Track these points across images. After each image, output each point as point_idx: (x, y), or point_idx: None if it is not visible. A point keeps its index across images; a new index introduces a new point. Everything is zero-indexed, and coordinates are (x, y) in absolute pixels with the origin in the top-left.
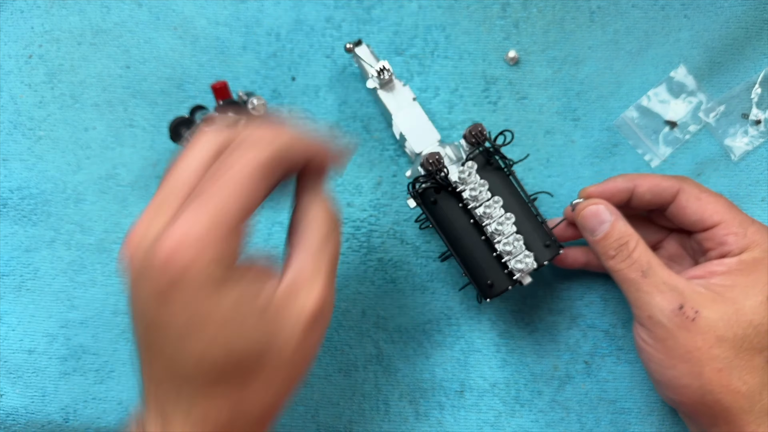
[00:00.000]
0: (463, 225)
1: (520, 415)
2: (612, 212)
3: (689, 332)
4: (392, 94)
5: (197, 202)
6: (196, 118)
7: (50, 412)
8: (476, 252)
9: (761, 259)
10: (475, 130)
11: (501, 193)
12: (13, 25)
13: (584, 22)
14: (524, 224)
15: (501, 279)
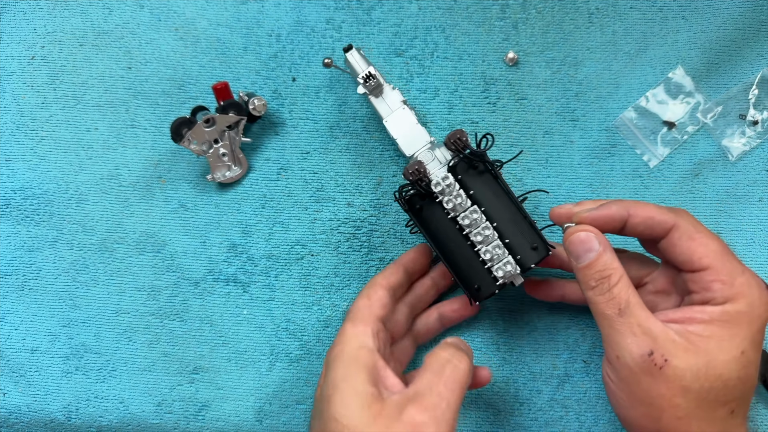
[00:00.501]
0: (449, 231)
1: (519, 414)
2: (601, 242)
3: (654, 379)
4: (382, 99)
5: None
6: (198, 119)
7: (52, 410)
8: (463, 257)
9: (744, 313)
10: (454, 137)
11: (486, 197)
12: (16, 27)
13: (583, 23)
14: (510, 228)
15: (487, 283)
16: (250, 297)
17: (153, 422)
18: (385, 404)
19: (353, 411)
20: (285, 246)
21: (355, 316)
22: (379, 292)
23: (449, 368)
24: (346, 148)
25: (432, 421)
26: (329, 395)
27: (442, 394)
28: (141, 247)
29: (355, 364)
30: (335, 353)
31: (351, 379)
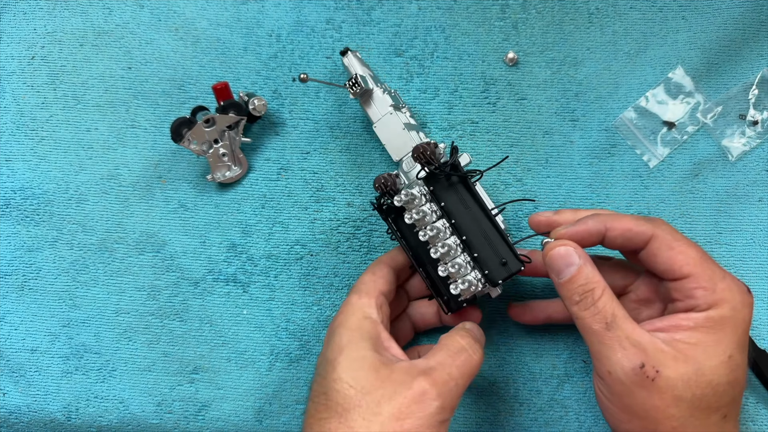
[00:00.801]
0: (418, 243)
1: (519, 414)
2: (581, 256)
3: (648, 391)
4: (372, 103)
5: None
6: (198, 119)
7: (52, 410)
8: (431, 270)
9: (728, 318)
10: (418, 151)
11: (458, 210)
12: (16, 27)
13: (583, 23)
14: (481, 242)
15: (453, 296)
16: (250, 297)
17: (153, 422)
18: (394, 369)
19: (361, 373)
20: (285, 246)
21: (360, 288)
22: (384, 269)
23: (464, 356)
24: (346, 148)
25: (439, 394)
26: (333, 358)
27: (453, 375)
28: (141, 247)
29: (359, 331)
30: (339, 321)
31: (356, 343)
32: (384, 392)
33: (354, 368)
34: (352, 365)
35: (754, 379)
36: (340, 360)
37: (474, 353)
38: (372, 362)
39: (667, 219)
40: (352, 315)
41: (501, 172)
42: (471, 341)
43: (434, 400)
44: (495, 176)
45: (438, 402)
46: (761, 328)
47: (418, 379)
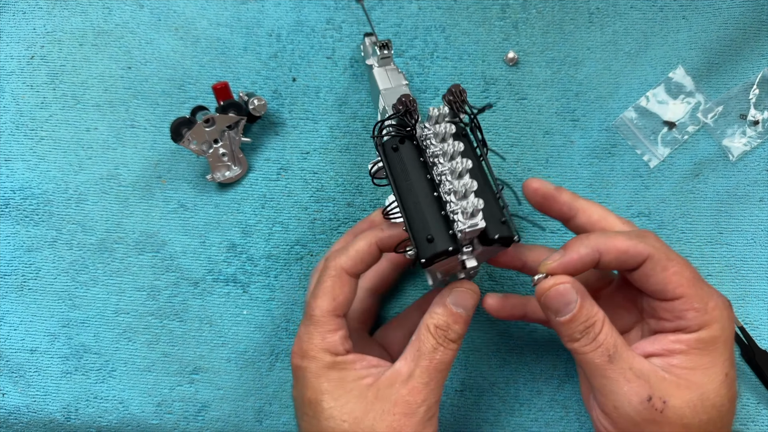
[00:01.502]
0: (418, 178)
1: (520, 414)
2: (578, 291)
3: (657, 425)
4: (386, 74)
5: None
6: (197, 119)
7: (52, 411)
8: (426, 208)
9: (718, 337)
10: (455, 89)
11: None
12: (15, 27)
13: (583, 23)
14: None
15: (443, 238)
16: (250, 297)
17: (153, 423)
18: (378, 389)
19: (349, 406)
20: (285, 246)
21: (319, 321)
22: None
23: (439, 354)
24: (346, 148)
25: (423, 400)
26: (319, 400)
27: (432, 376)
28: (140, 247)
29: (334, 370)
30: (307, 365)
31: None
32: (375, 414)
33: (341, 404)
34: (339, 402)
35: (755, 378)
36: (326, 399)
37: (446, 347)
38: (358, 392)
39: (668, 219)
40: (319, 359)
41: (501, 172)
42: (441, 338)
43: (420, 406)
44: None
45: (424, 406)
46: (761, 329)
47: (401, 392)
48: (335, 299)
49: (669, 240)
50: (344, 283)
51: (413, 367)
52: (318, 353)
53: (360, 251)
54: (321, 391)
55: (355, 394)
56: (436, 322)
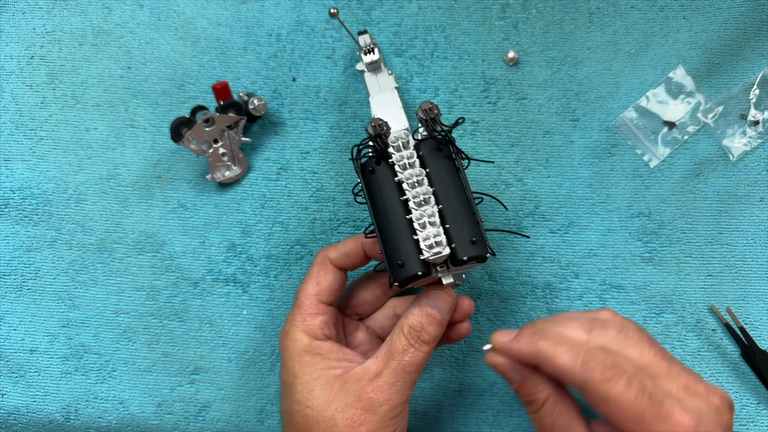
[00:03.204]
0: (392, 200)
1: (519, 414)
2: (518, 371)
3: None
4: (376, 79)
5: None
6: (197, 118)
7: (51, 411)
8: (398, 231)
9: None
10: (426, 106)
11: (440, 180)
12: (15, 26)
13: (583, 23)
14: (454, 217)
15: (413, 262)
16: (250, 297)
17: (153, 423)
18: (345, 381)
19: (314, 393)
20: (285, 246)
21: (304, 304)
22: (328, 275)
23: (409, 356)
24: (346, 148)
25: (386, 399)
26: (290, 382)
27: (399, 376)
28: (140, 247)
29: (308, 354)
30: (287, 344)
31: (306, 368)
32: (337, 406)
33: (308, 390)
34: (306, 388)
35: (755, 379)
36: (296, 384)
37: (417, 349)
38: (324, 380)
39: (668, 219)
40: (297, 339)
41: (502, 172)
42: (413, 339)
43: (382, 405)
44: (496, 176)
45: (387, 405)
46: (761, 329)
47: (366, 389)
48: (318, 284)
49: (669, 240)
50: (328, 271)
51: (382, 366)
52: (297, 334)
53: (347, 247)
54: (293, 374)
55: (321, 383)
56: (411, 323)
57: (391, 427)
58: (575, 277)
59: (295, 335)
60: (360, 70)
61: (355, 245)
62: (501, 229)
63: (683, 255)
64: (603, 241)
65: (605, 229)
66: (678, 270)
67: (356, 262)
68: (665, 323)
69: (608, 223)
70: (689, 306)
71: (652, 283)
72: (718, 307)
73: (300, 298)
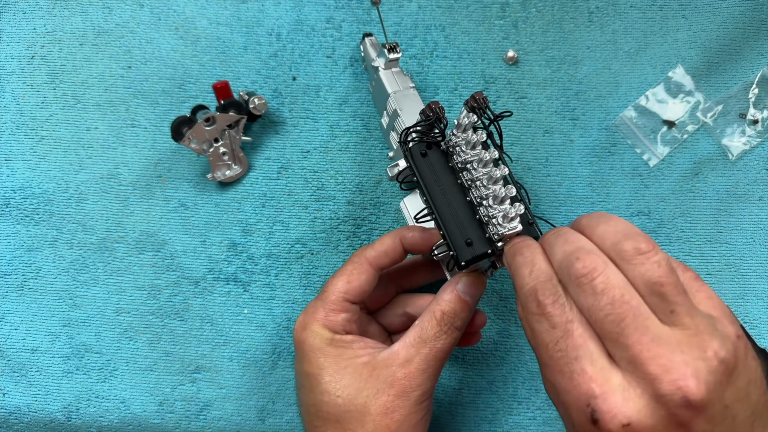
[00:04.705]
0: (448, 184)
1: (518, 413)
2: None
3: None
4: (393, 77)
5: None
6: (198, 118)
7: (53, 410)
8: (461, 211)
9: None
10: (477, 96)
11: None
12: (16, 26)
13: (583, 22)
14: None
15: (481, 241)
16: (251, 296)
17: (154, 422)
18: (375, 367)
19: (344, 382)
20: (285, 245)
21: (329, 298)
22: (362, 274)
23: (440, 342)
24: (346, 147)
25: (419, 384)
26: (316, 374)
27: (429, 363)
28: (141, 246)
29: (332, 346)
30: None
31: (333, 358)
32: (369, 393)
33: (336, 380)
34: (334, 378)
35: None
36: (323, 375)
37: (449, 335)
38: (353, 369)
39: (668, 218)
40: (318, 334)
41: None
42: (446, 325)
43: (415, 390)
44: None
45: (419, 390)
46: (761, 328)
47: (398, 375)
48: (350, 282)
49: (669, 239)
50: (362, 271)
51: (413, 353)
52: (318, 328)
53: (384, 245)
54: (318, 366)
55: (350, 371)
56: (444, 309)
57: (422, 411)
58: None
59: (315, 329)
60: (375, 66)
61: (393, 241)
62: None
63: (683, 254)
64: None
65: None
66: None
67: (395, 258)
68: None
69: None
70: None
71: None
72: None
73: (327, 291)
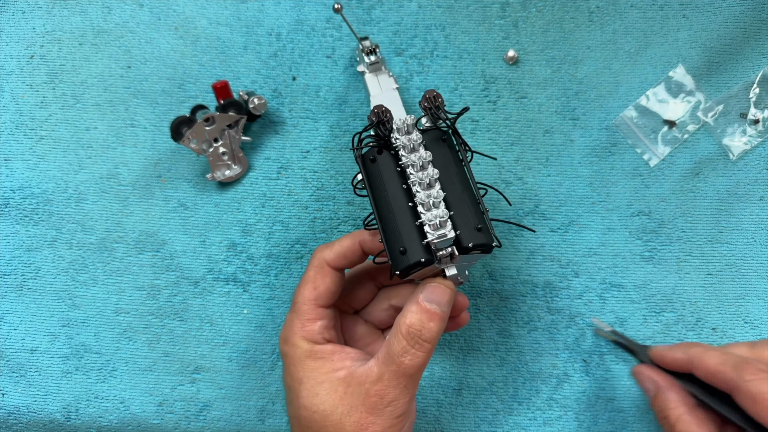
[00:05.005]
0: (394, 187)
1: (518, 413)
2: (656, 382)
3: None
4: (377, 80)
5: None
6: (197, 118)
7: (52, 410)
8: (400, 217)
9: None
10: (430, 94)
11: (447, 170)
12: (15, 26)
13: (583, 22)
14: (459, 204)
15: (416, 249)
16: (251, 296)
17: (154, 422)
18: (349, 384)
19: (319, 398)
20: (285, 245)
21: (301, 310)
22: (326, 278)
23: (409, 357)
24: (346, 147)
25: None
26: (295, 387)
27: (401, 379)
28: (140, 246)
29: (310, 359)
30: (288, 350)
31: (310, 372)
32: (343, 410)
33: (313, 395)
34: (311, 393)
35: None
36: (301, 390)
37: (418, 350)
38: (329, 384)
39: (668, 218)
40: (298, 346)
41: (502, 171)
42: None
43: (388, 406)
44: (496, 174)
45: (391, 406)
46: (761, 327)
47: (370, 392)
48: (316, 288)
49: (669, 239)
50: (326, 274)
51: (384, 369)
52: (297, 340)
53: (343, 246)
54: (298, 380)
55: (326, 387)
56: (409, 322)
57: (399, 425)
58: (575, 275)
59: (295, 342)
60: (361, 72)
61: (351, 243)
62: (506, 220)
63: (683, 254)
64: (603, 239)
65: (605, 228)
66: (678, 269)
67: (354, 260)
68: (665, 322)
69: (608, 222)
70: (689, 305)
71: (652, 281)
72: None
73: (297, 303)
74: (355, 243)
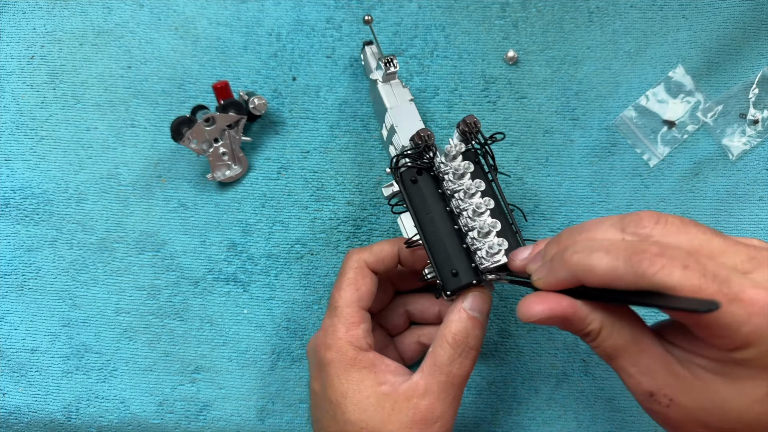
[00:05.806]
0: (438, 210)
1: (517, 413)
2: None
3: (666, 417)
4: (391, 90)
5: None
6: (198, 118)
7: (52, 410)
8: (448, 240)
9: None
10: (470, 120)
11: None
12: (15, 26)
13: (583, 22)
14: (502, 228)
15: (466, 271)
16: (251, 296)
17: (154, 422)
18: (396, 401)
19: (367, 413)
20: (285, 245)
21: (344, 313)
22: (366, 280)
23: (455, 368)
24: (346, 147)
25: (440, 415)
26: (339, 402)
27: (448, 391)
28: (141, 246)
29: (355, 369)
30: (331, 357)
31: (356, 385)
32: (392, 427)
33: (360, 410)
34: (358, 408)
35: None
36: (347, 404)
37: (465, 357)
38: (376, 400)
39: None
40: (344, 352)
41: (501, 171)
42: (460, 347)
43: (437, 421)
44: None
45: (440, 421)
46: None
47: (419, 408)
48: (358, 290)
49: None
50: (366, 275)
51: (431, 381)
52: (343, 345)
53: (384, 251)
54: (342, 393)
55: (373, 402)
56: (455, 331)
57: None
58: None
59: (341, 347)
60: (374, 79)
61: (391, 250)
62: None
63: None
64: None
65: None
66: None
67: (390, 266)
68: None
69: None
70: None
71: None
72: None
73: (338, 307)
74: (394, 250)
